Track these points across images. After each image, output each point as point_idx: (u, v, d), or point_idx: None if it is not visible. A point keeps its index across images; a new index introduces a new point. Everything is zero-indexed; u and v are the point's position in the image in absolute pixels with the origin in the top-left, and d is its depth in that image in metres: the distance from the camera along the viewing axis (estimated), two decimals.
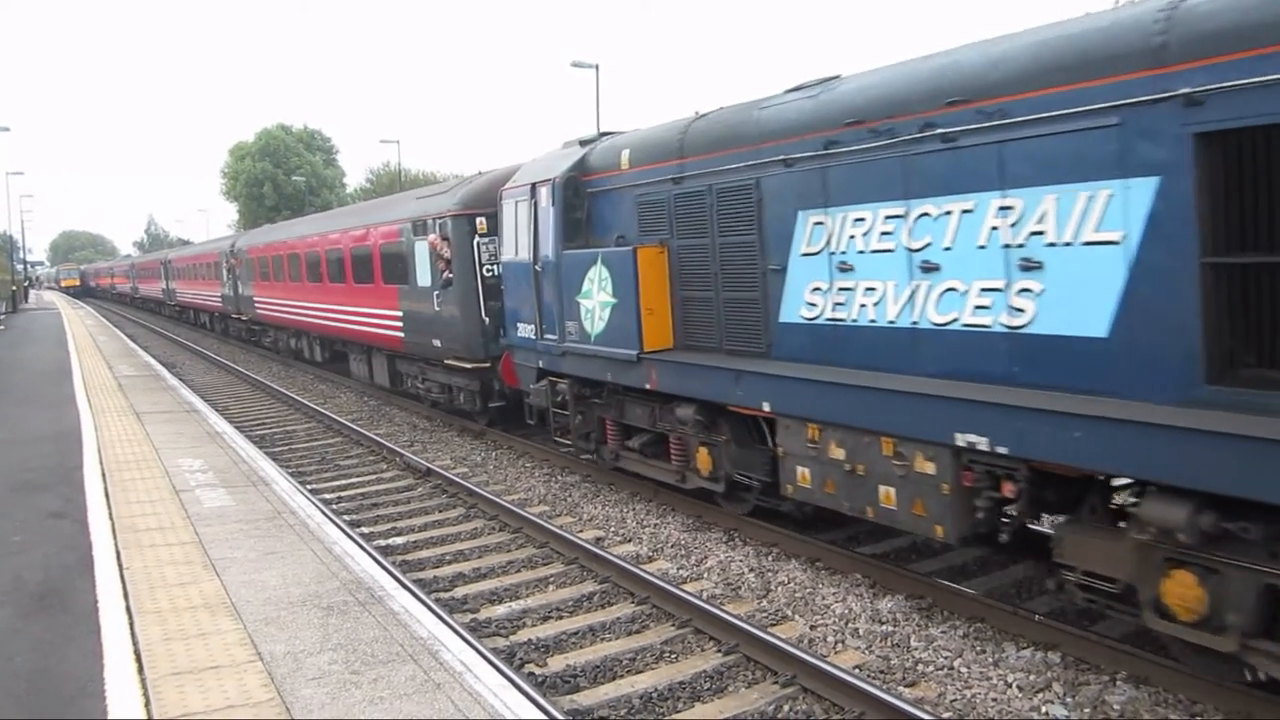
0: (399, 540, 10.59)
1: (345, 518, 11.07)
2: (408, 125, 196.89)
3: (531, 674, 6.97)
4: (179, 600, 6.93)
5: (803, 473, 8.47)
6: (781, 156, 8.42)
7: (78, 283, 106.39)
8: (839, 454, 8.01)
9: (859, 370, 7.78)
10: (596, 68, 37.19)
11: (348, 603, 6.85)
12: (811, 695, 6.49)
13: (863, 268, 7.73)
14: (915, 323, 7.29)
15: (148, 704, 5.28)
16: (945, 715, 6.09)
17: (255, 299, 29.82)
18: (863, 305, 7.76)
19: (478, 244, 14.57)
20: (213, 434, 14.14)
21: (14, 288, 60.20)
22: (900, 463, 7.41)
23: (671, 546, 9.86)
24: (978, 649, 7.05)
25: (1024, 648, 6.98)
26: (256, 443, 15.07)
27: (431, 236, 15.32)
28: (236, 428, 15.81)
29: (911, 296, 7.29)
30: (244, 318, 32.59)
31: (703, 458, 10.03)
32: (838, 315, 8.02)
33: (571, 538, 9.85)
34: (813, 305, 8.28)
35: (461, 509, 11.78)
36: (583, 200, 11.50)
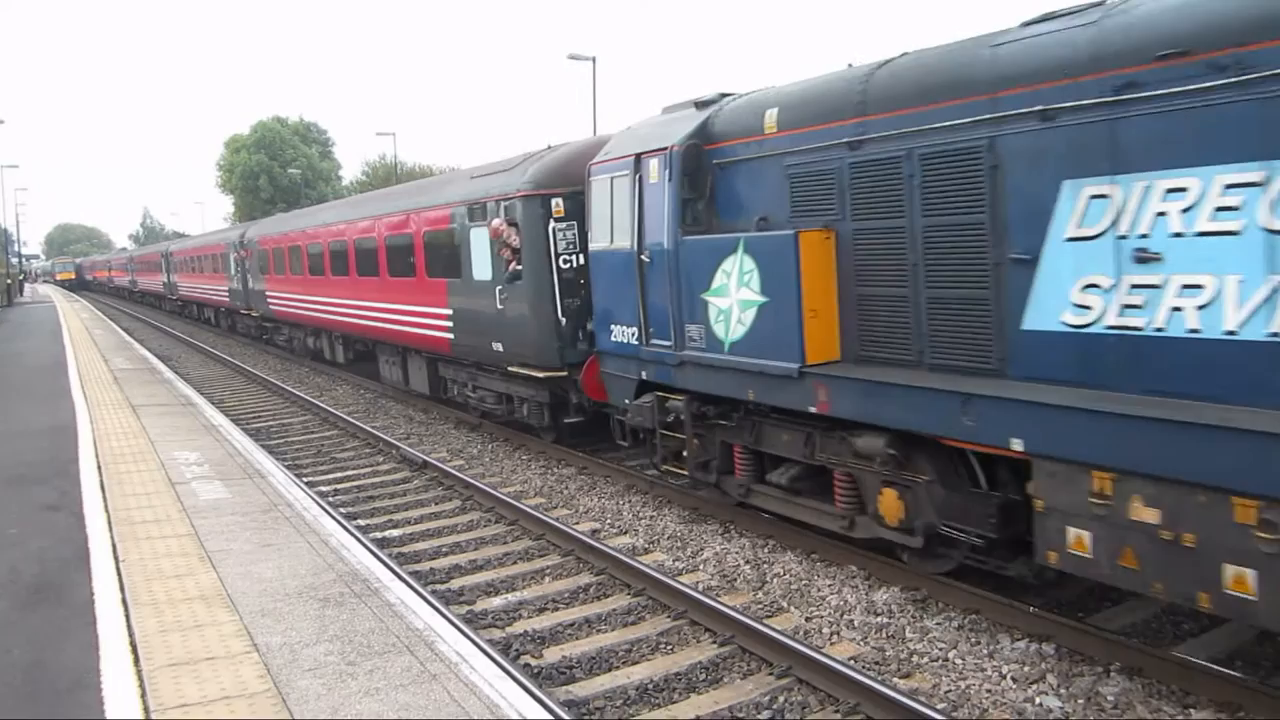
0: (395, 532, 10.60)
1: (342, 510, 11.08)
2: (404, 118, 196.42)
3: (527, 665, 6.98)
4: (175, 592, 6.93)
5: (1078, 537, 6.22)
6: (1037, 107, 6.37)
7: (73, 276, 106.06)
8: (1149, 515, 5.83)
9: (1185, 400, 5.68)
10: (593, 60, 37.13)
11: (344, 594, 6.86)
12: (807, 686, 6.51)
13: (1179, 257, 5.71)
14: (1277, 335, 5.31)
15: (144, 695, 5.30)
16: (940, 706, 6.11)
17: (268, 294, 27.38)
18: (1177, 309, 5.73)
19: (553, 230, 12.14)
20: (209, 426, 14.14)
21: (9, 281, 60.01)
22: (1269, 536, 5.25)
23: (667, 538, 9.88)
24: (972, 640, 7.07)
25: (1018, 639, 7.00)
26: (252, 435, 15.06)
27: (495, 222, 12.82)
28: (232, 420, 15.82)
29: (1273, 297, 5.30)
30: (254, 314, 30.12)
31: (889, 502, 7.85)
32: (1130, 322, 5.97)
33: (568, 529, 9.86)
34: (1085, 308, 6.23)
35: (458, 501, 11.79)
36: (706, 174, 9.37)
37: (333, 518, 9.37)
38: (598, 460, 12.87)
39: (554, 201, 12.23)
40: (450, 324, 15.04)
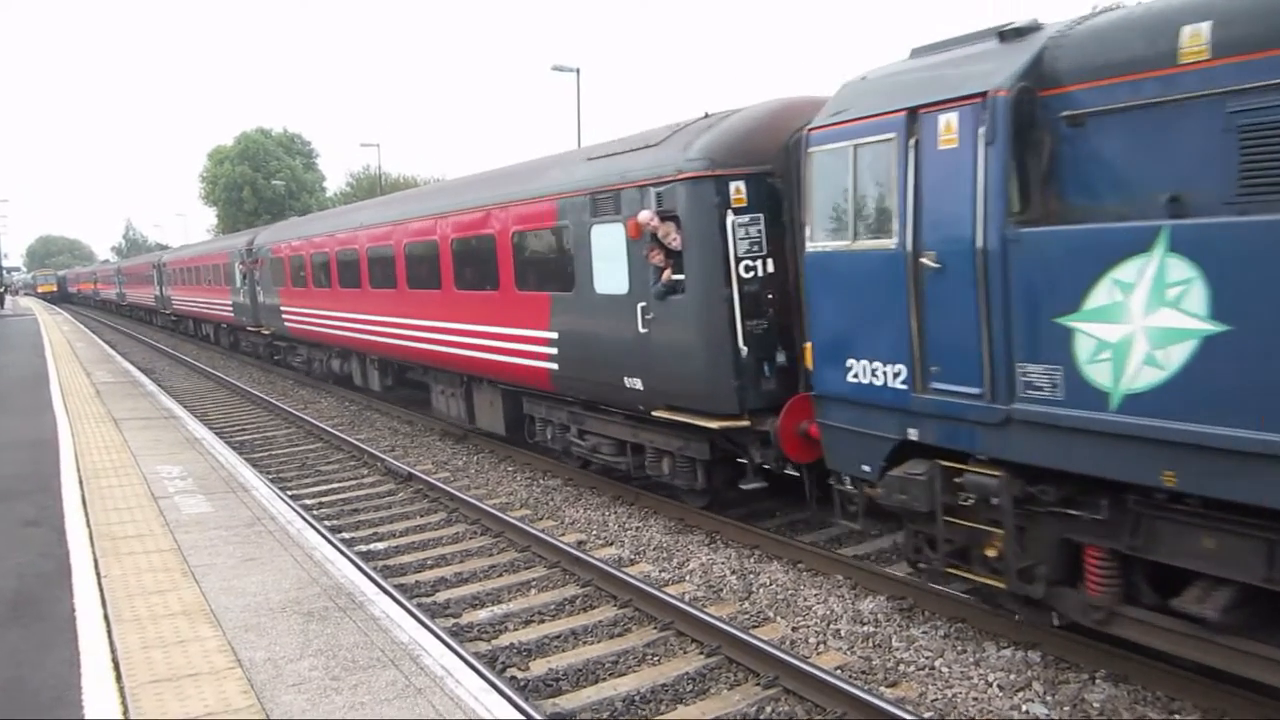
0: (380, 545, 10.54)
1: (326, 523, 11.02)
2: (388, 129, 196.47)
3: (513, 678, 6.95)
4: (157, 608, 6.87)
5: None
6: None
7: (55, 288, 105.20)
8: None
9: None
10: (577, 72, 37.17)
11: (328, 609, 6.81)
12: (793, 696, 6.51)
13: None
14: None
15: (126, 712, 5.25)
16: (926, 715, 6.12)
17: (284, 309, 23.81)
18: None
19: (732, 225, 8.95)
20: (191, 440, 14.04)
21: None
22: None
23: (654, 549, 9.87)
24: (958, 649, 7.09)
25: (1004, 647, 7.02)
26: (236, 449, 14.96)
27: (641, 215, 9.58)
28: (216, 434, 15.71)
29: None
30: (265, 331, 26.59)
31: None
32: None
33: (554, 541, 9.83)
34: None
35: (443, 514, 11.74)
36: (1041, 135, 6.32)
37: (317, 531, 9.32)
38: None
39: (733, 186, 9.06)
40: (554, 350, 11.57)
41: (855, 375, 7.54)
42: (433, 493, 12.51)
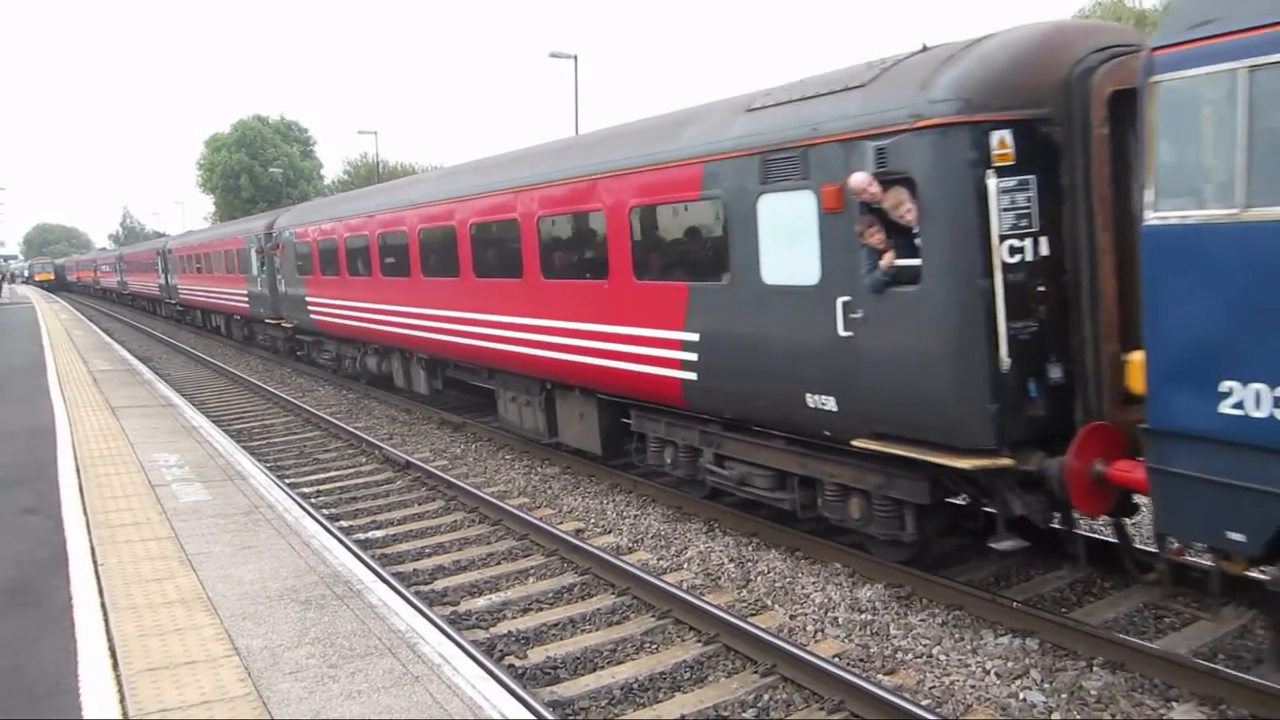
0: (378, 534, 10.54)
1: (324, 511, 11.00)
2: (385, 116, 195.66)
3: (511, 666, 6.96)
4: (154, 596, 6.86)
5: None
6: None
7: (52, 277, 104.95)
8: None
9: None
10: (575, 59, 37.02)
11: (325, 596, 6.80)
12: (791, 684, 6.51)
13: None
14: None
15: (123, 700, 5.24)
16: (924, 703, 6.12)
17: (310, 300, 21.34)
18: None
19: (995, 191, 6.58)
20: (189, 428, 14.02)
21: None
22: None
23: (651, 537, 9.86)
24: (956, 636, 7.09)
25: (1002, 635, 7.02)
26: (234, 436, 14.95)
27: (857, 179, 7.10)
28: (213, 422, 15.69)
29: None
30: (287, 324, 23.96)
31: None
32: None
33: (551, 529, 9.83)
34: None
35: (441, 502, 11.73)
36: None
37: (315, 519, 9.30)
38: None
39: (996, 137, 6.69)
40: (690, 356, 9.29)
41: (1237, 405, 5.35)
42: (431, 481, 12.50)
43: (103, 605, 6.68)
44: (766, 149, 8.17)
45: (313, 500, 11.68)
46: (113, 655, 5.84)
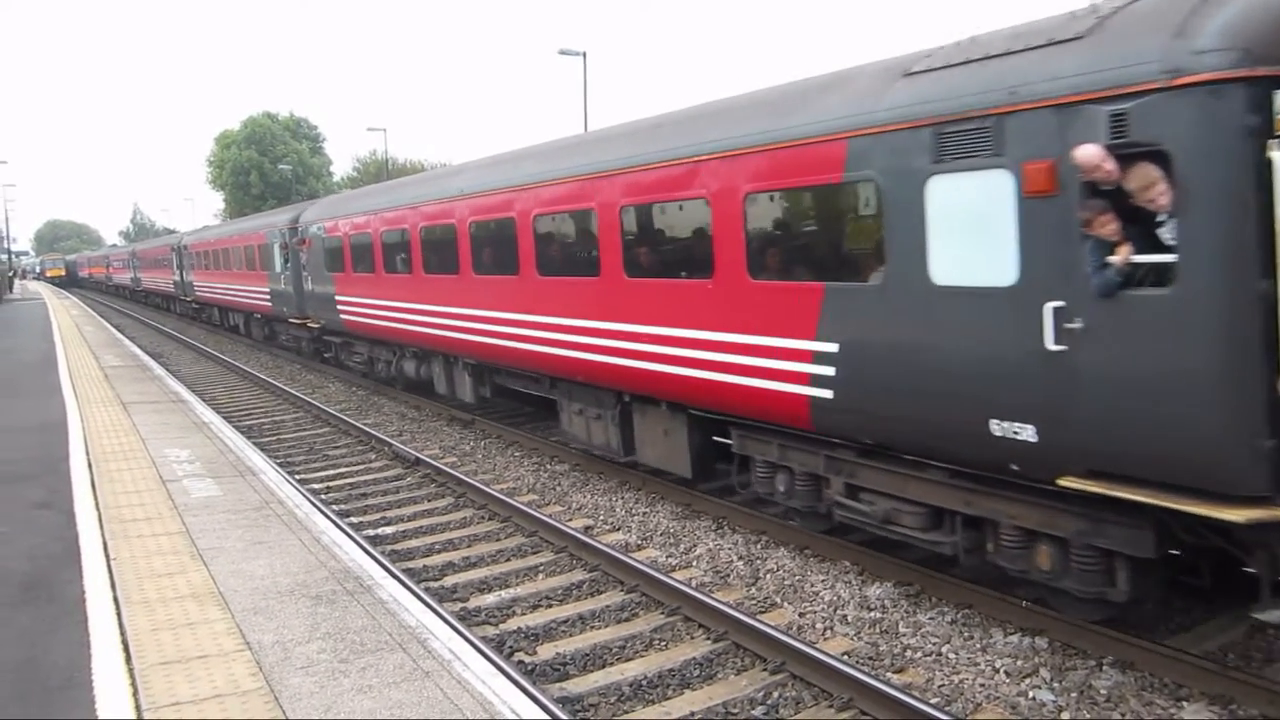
0: (388, 530, 10.57)
1: (334, 507, 11.04)
2: (395, 113, 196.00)
3: (521, 662, 6.98)
4: (166, 590, 6.90)
5: None
6: None
7: (63, 273, 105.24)
8: None
9: None
10: (584, 55, 37.07)
11: (336, 592, 6.83)
12: (800, 682, 6.52)
13: None
14: None
15: (135, 694, 5.27)
16: (933, 701, 6.12)
17: (339, 299, 19.91)
18: None
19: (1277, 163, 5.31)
20: (200, 424, 14.08)
21: None
22: None
23: (660, 534, 9.88)
24: (965, 635, 7.08)
25: (1011, 633, 7.02)
26: (244, 432, 15.00)
27: (1086, 153, 5.72)
28: (224, 418, 15.76)
29: None
30: (313, 324, 22.44)
31: None
32: None
33: (561, 526, 9.84)
34: None
35: (450, 498, 11.76)
36: None
37: (325, 515, 9.34)
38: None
39: None
40: (827, 370, 7.81)
41: None
42: (440, 477, 12.53)
43: (115, 599, 6.72)
44: (939, 120, 6.67)
45: (323, 496, 11.72)
46: (125, 649, 5.87)
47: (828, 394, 7.81)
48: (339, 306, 20.00)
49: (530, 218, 12.13)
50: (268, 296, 26.15)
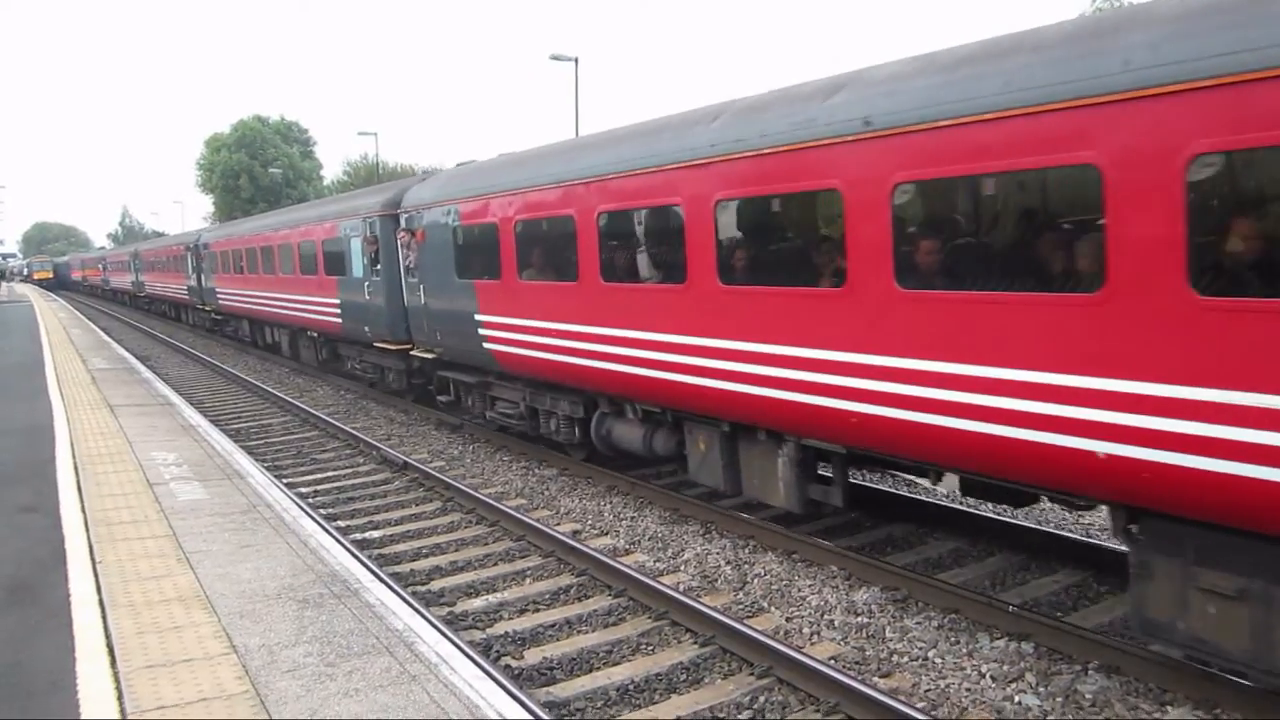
0: (376, 534, 10.55)
1: (321, 511, 11.01)
2: (385, 117, 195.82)
3: (508, 666, 6.97)
4: (153, 593, 6.87)
5: None
6: None
7: (51, 275, 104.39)
8: None
9: None
10: (576, 61, 37.04)
11: (323, 595, 6.82)
12: (787, 686, 6.53)
13: None
14: None
15: (120, 697, 5.25)
16: (919, 705, 6.14)
17: (485, 320, 13.12)
18: None
19: None
20: (187, 427, 14.02)
21: None
22: None
23: (649, 539, 9.88)
24: (952, 640, 7.11)
25: (998, 638, 7.04)
26: (232, 436, 14.96)
27: None
28: (211, 421, 15.70)
29: None
30: (426, 353, 15.66)
31: None
32: None
33: (549, 530, 9.84)
34: None
35: (439, 502, 11.74)
36: None
37: (312, 519, 9.31)
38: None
39: None
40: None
41: None
42: (428, 481, 12.51)
43: (101, 603, 6.69)
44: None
45: (310, 500, 11.69)
46: (111, 653, 5.85)
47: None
48: (484, 331, 13.24)
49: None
50: (335, 309, 19.62)
